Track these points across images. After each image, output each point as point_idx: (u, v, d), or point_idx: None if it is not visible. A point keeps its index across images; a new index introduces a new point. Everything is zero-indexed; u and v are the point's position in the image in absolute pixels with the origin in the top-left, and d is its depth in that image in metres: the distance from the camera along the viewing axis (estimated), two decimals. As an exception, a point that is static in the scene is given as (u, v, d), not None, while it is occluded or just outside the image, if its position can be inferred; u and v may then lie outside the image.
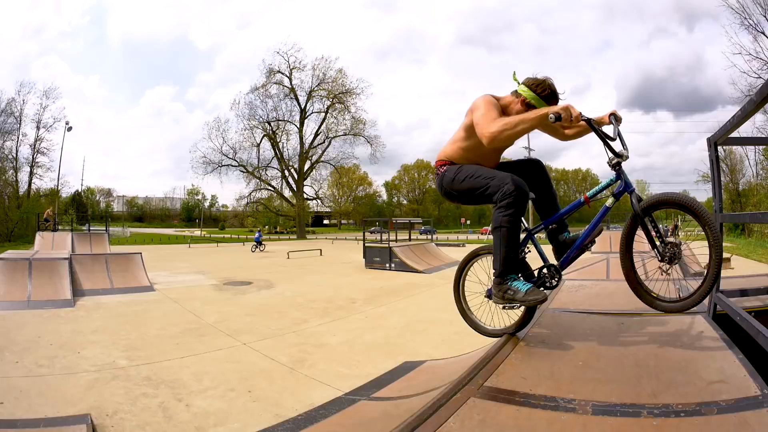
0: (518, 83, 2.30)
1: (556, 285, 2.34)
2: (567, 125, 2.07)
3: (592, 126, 2.13)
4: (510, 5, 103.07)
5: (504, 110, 2.28)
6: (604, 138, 2.11)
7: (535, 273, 2.36)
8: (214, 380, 4.56)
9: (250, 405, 4.01)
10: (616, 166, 2.10)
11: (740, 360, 1.67)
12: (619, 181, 2.12)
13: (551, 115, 1.97)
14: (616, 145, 2.12)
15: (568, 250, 2.30)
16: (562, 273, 2.35)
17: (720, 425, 1.23)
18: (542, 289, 2.29)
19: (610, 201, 2.17)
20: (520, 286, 2.18)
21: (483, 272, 2.56)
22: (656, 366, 1.76)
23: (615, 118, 2.21)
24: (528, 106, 2.22)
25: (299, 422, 3.60)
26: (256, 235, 30.07)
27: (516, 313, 2.43)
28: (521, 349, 2.21)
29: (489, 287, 2.42)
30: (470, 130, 2.31)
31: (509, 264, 2.20)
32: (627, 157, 2.09)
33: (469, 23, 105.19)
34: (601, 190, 2.22)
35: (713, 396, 1.40)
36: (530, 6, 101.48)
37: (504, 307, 2.29)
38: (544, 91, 2.21)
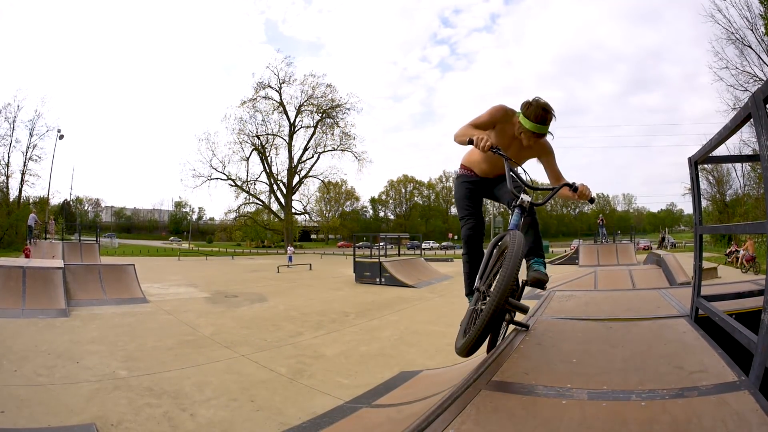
0: None
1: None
2: (480, 150, 2.40)
3: (506, 164, 2.47)
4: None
5: (510, 125, 2.54)
6: (510, 178, 2.46)
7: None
8: (216, 390, 4.63)
9: (254, 414, 4.09)
10: (513, 207, 2.45)
11: (719, 354, 1.88)
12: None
13: (468, 138, 2.43)
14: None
15: None
16: None
17: (700, 404, 1.42)
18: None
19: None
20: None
21: None
22: (642, 361, 1.96)
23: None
24: (521, 124, 2.47)
25: (305, 429, 3.72)
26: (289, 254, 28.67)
27: None
28: (520, 350, 2.39)
29: None
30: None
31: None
32: (525, 202, 2.43)
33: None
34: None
35: (694, 382, 1.59)
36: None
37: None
38: (528, 110, 2.42)
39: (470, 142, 2.41)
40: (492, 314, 1.99)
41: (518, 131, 2.49)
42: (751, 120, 1.79)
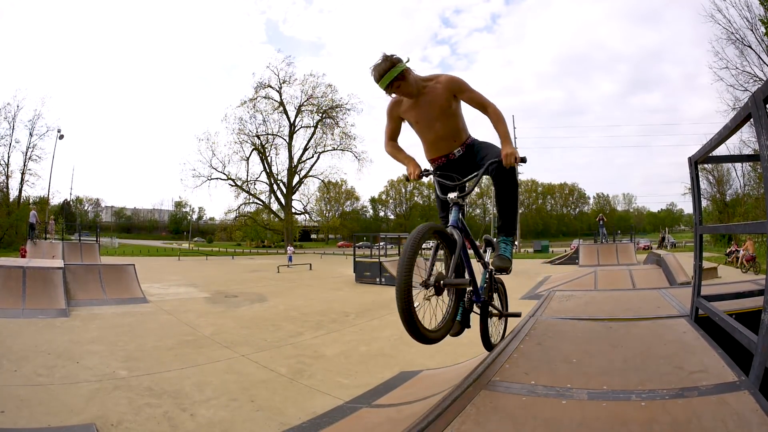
0: None
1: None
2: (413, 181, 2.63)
3: (433, 177, 2.64)
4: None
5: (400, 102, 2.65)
6: (438, 187, 2.60)
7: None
8: (216, 390, 4.63)
9: (254, 414, 4.10)
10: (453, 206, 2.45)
11: (719, 354, 1.87)
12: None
13: (404, 176, 2.66)
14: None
15: None
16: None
17: (700, 404, 1.42)
18: None
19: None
20: None
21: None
22: (643, 362, 1.96)
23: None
24: None
25: (304, 429, 3.72)
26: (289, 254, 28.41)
27: None
28: (520, 350, 2.38)
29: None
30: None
31: None
32: (457, 201, 2.44)
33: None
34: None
35: (694, 382, 1.59)
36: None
37: None
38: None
39: (407, 179, 2.66)
40: (400, 298, 2.01)
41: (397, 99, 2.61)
42: (751, 120, 1.78)
